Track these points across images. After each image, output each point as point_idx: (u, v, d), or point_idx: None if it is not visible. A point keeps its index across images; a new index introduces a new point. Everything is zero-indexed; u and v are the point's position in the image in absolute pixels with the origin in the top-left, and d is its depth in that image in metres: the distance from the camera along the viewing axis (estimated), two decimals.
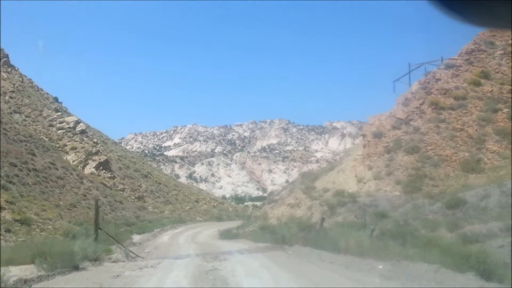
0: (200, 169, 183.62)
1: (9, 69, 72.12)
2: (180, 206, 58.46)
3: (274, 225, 24.74)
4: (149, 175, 66.39)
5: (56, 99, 75.13)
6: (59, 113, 63.87)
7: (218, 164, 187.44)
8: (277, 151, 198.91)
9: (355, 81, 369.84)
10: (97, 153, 58.05)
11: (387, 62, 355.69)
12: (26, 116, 60.65)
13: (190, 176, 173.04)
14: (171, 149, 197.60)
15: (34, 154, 46.01)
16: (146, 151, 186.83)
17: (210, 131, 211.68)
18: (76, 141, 59.48)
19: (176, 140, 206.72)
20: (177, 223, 45.47)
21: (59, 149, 56.98)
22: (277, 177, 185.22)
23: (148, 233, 33.92)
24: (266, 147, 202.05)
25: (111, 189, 51.84)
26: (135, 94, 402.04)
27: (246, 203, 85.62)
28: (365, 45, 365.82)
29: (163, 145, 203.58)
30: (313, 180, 29.86)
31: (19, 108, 61.44)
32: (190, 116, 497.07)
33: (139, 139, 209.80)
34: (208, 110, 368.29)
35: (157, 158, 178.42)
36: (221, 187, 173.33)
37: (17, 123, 54.95)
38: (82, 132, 62.33)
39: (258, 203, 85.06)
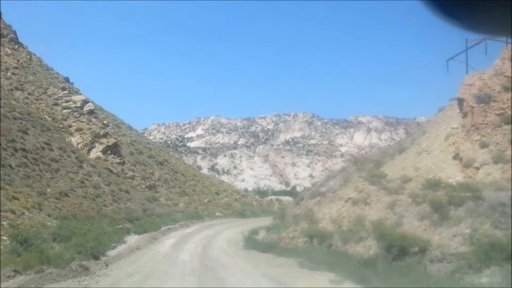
0: (222, 161, 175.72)
1: (16, 46, 64.35)
2: (197, 198, 49.61)
3: (331, 231, 15.56)
4: (165, 162, 57.71)
5: (67, 79, 67.02)
6: (66, 92, 55.55)
7: (240, 157, 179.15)
8: (301, 145, 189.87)
9: (380, 76, 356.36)
10: (105, 135, 49.58)
11: (414, 59, 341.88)
12: (29, 94, 52.56)
13: (212, 168, 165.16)
14: (193, 140, 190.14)
15: (25, 132, 37.66)
16: (169, 142, 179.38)
17: (233, 123, 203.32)
18: (83, 121, 51.14)
19: (199, 131, 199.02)
20: (191, 218, 36.58)
21: (63, 129, 48.68)
22: (300, 171, 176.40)
23: (150, 233, 25.11)
24: (290, 140, 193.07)
25: (118, 176, 43.25)
26: (159, 85, 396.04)
27: (269, 197, 76.36)
28: (391, 42, 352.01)
29: (185, 136, 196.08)
30: (377, 166, 20.49)
31: (22, 85, 53.39)
32: (213, 107, 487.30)
33: (162, 129, 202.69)
34: (232, 102, 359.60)
35: (180, 149, 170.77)
36: (243, 180, 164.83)
37: (15, 99, 46.87)
38: (90, 112, 53.91)
39: (281, 197, 75.94)
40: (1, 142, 32.56)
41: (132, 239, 22.34)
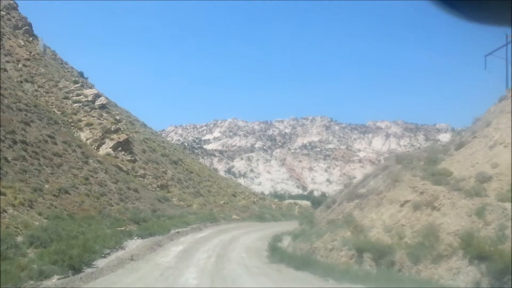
0: (239, 164, 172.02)
1: (30, 38, 61.31)
2: (213, 199, 45.64)
3: (389, 245, 11.36)
4: (179, 161, 53.89)
5: (81, 74, 63.76)
6: (78, 85, 52.14)
7: (257, 160, 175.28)
8: (318, 149, 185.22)
9: (399, 81, 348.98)
10: (116, 131, 46.00)
11: (433, 63, 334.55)
12: (39, 86, 49.31)
13: (228, 171, 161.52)
14: (210, 142, 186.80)
15: (28, 124, 34.18)
16: (186, 144, 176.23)
17: (250, 126, 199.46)
18: (94, 116, 47.63)
19: (216, 134, 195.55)
20: (206, 221, 32.65)
21: (72, 124, 45.23)
22: (318, 176, 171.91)
23: (155, 237, 21.18)
24: (307, 144, 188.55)
25: (127, 173, 39.52)
26: (177, 86, 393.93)
27: (287, 201, 72.02)
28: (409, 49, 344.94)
29: (202, 138, 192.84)
30: (433, 164, 16.25)
31: (33, 77, 50.14)
32: (230, 110, 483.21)
33: (179, 131, 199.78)
34: (249, 105, 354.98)
35: (196, 151, 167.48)
36: (260, 183, 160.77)
37: (23, 91, 43.55)
38: (102, 107, 50.40)
39: (299, 201, 71.53)
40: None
41: (133, 244, 18.44)
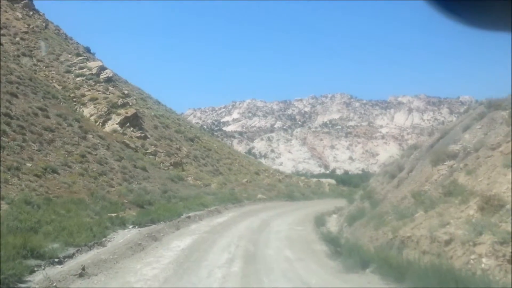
0: (259, 145, 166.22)
1: (31, 13, 55.52)
2: (234, 178, 39.58)
3: None
4: (195, 139, 47.86)
5: (87, 49, 57.89)
6: (81, 58, 46.30)
7: (278, 140, 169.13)
8: (339, 127, 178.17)
9: (418, 55, 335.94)
10: (124, 105, 40.10)
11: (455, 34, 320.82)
12: (38, 60, 43.62)
13: (249, 152, 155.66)
14: (229, 124, 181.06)
15: (15, 96, 28.51)
16: (205, 127, 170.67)
17: (269, 106, 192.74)
18: (98, 90, 41.84)
19: (235, 115, 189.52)
20: (226, 202, 26.69)
21: (74, 99, 39.50)
22: (339, 154, 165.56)
23: (157, 225, 15.23)
24: (328, 122, 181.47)
25: (135, 151, 33.67)
26: (195, 69, 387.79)
27: (314, 179, 65.68)
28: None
29: (221, 120, 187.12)
30: None
31: (31, 51, 44.43)
32: (249, 91, 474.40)
33: (198, 114, 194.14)
34: (267, 85, 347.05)
35: (216, 133, 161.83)
36: (281, 164, 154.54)
37: (18, 64, 37.90)
38: (108, 80, 44.57)
39: (323, 180, 65.24)
40: None
41: (121, 238, 12.44)
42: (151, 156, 34.99)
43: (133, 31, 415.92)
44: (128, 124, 38.54)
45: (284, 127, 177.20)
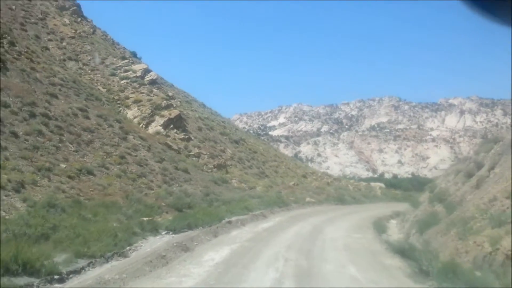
0: (305, 149, 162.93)
1: (79, 19, 55.61)
2: (281, 181, 37.26)
3: None
4: (241, 141, 45.96)
5: (134, 54, 57.35)
6: (126, 61, 45.56)
7: (324, 144, 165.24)
8: (388, 130, 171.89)
9: (470, 55, 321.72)
10: (168, 107, 38.79)
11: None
12: (84, 64, 43.17)
13: (295, 156, 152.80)
14: (276, 128, 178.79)
15: (55, 97, 27.59)
16: (251, 131, 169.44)
17: (315, 110, 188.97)
18: (143, 92, 40.82)
19: (281, 119, 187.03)
20: (272, 206, 24.42)
21: (118, 101, 38.59)
22: (388, 157, 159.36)
23: (194, 231, 13.13)
24: (376, 125, 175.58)
25: (178, 152, 32.09)
26: (242, 75, 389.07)
27: (363, 182, 62.26)
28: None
29: (268, 125, 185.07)
30: None
31: (77, 55, 44.09)
32: (295, 95, 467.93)
33: (244, 119, 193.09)
34: (314, 90, 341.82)
35: (262, 138, 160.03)
36: (328, 168, 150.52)
37: (62, 67, 37.42)
38: (152, 82, 43.47)
39: (371, 184, 61.71)
40: (9, 104, 22.69)
41: (149, 247, 10.43)
42: (194, 158, 33.32)
43: (180, 36, 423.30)
44: (171, 126, 37.16)
45: (331, 131, 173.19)
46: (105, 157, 23.74)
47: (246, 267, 8.86)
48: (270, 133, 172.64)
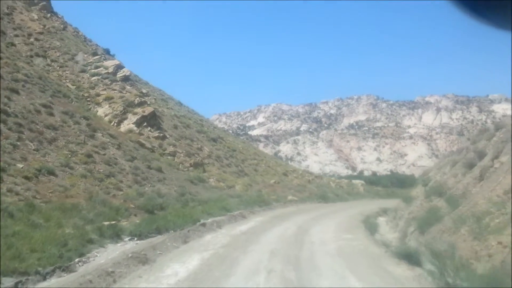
0: (285, 148, 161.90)
1: (48, 15, 52.96)
2: (261, 179, 35.57)
3: None
4: (219, 139, 44.11)
5: (107, 51, 54.97)
6: (97, 57, 43.26)
7: (304, 143, 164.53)
8: (366, 128, 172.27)
9: (444, 54, 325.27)
10: (141, 104, 36.71)
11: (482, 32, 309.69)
12: (52, 61, 40.72)
13: (275, 155, 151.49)
14: (255, 128, 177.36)
15: (16, 92, 25.40)
16: (230, 131, 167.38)
17: (294, 109, 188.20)
18: (115, 89, 38.66)
19: (260, 119, 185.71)
20: (253, 205, 22.68)
21: (88, 99, 36.36)
22: (367, 155, 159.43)
23: (165, 235, 11.21)
24: (354, 124, 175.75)
25: (152, 151, 30.12)
26: (219, 74, 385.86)
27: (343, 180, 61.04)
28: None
29: (247, 124, 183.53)
30: None
31: (45, 51, 41.61)
32: (274, 95, 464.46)
33: (223, 119, 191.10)
34: (292, 89, 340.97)
35: (241, 137, 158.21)
36: (307, 166, 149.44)
37: (28, 63, 35.05)
38: (125, 79, 41.27)
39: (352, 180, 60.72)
40: None
41: (109, 256, 8.48)
42: (169, 157, 31.37)
43: (158, 35, 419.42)
44: (145, 124, 35.10)
45: (310, 129, 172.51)
46: (69, 156, 21.67)
47: (219, 283, 7.07)
48: (249, 132, 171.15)
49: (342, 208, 24.48)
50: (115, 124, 34.05)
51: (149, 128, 35.05)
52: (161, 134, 34.90)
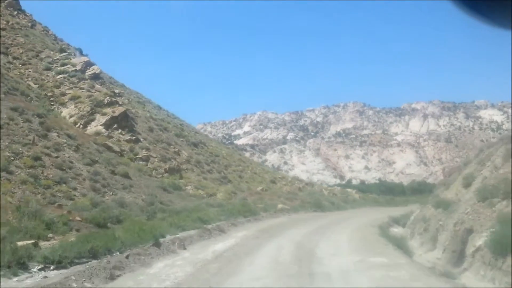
0: (272, 157, 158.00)
1: (15, 12, 48.78)
2: (246, 186, 31.65)
3: None
4: (200, 144, 40.13)
5: (79, 51, 50.71)
6: (64, 54, 39.19)
7: (290, 152, 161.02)
8: (353, 136, 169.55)
9: (431, 60, 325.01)
10: (111, 104, 32.75)
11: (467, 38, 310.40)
12: (14, 58, 36.55)
13: (261, 165, 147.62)
14: (241, 137, 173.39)
15: None
16: (216, 141, 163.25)
17: (280, 117, 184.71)
18: (82, 88, 34.64)
19: (246, 128, 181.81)
20: (236, 215, 18.80)
21: (52, 99, 32.33)
22: (355, 163, 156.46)
23: (91, 263, 7.09)
24: (341, 131, 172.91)
25: (121, 155, 26.09)
26: (204, 83, 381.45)
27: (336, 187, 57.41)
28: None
29: (232, 133, 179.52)
30: None
31: (7, 48, 37.41)
32: (259, 103, 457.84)
33: (208, 128, 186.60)
34: (278, 97, 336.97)
35: (227, 147, 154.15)
36: (295, 176, 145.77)
37: None
38: (95, 77, 37.27)
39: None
40: None
41: None
42: (141, 162, 27.33)
43: (141, 42, 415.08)
44: (115, 126, 31.12)
45: (297, 138, 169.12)
46: (12, 158, 17.57)
47: None
48: (235, 142, 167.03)
49: (344, 217, 20.78)
50: (81, 125, 30.05)
51: (120, 131, 31.07)
52: (134, 137, 30.90)
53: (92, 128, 30.10)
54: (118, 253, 8.90)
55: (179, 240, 10.94)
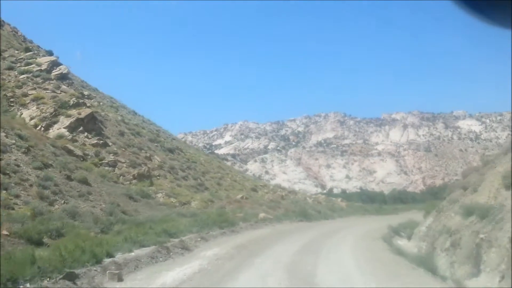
0: (253, 167, 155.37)
1: None
2: (225, 194, 28.75)
3: None
4: (176, 150, 37.09)
5: (50, 53, 47.36)
6: (29, 53, 35.95)
7: (272, 161, 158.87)
8: (334, 145, 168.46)
9: (409, 71, 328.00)
10: (77, 105, 29.65)
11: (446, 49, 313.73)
12: None
13: (242, 173, 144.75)
14: (222, 147, 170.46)
15: None
16: (195, 148, 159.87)
17: (262, 127, 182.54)
18: (47, 89, 31.50)
19: (227, 138, 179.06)
20: (211, 227, 15.87)
21: (12, 99, 29.10)
22: (336, 173, 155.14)
23: None
24: (322, 141, 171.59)
25: (83, 159, 23.01)
26: (184, 93, 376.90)
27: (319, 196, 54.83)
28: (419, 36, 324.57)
29: (213, 143, 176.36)
30: None
31: None
32: (240, 113, 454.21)
33: (189, 138, 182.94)
34: (259, 107, 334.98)
35: (207, 155, 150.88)
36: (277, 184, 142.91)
37: None
38: (62, 77, 34.13)
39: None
40: None
41: None
42: (108, 167, 24.27)
43: (123, 50, 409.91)
44: (81, 129, 27.98)
45: (278, 148, 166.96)
46: None
47: None
48: (216, 151, 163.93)
49: (335, 228, 18.12)
50: (42, 128, 26.83)
51: (85, 134, 27.93)
52: (101, 141, 27.80)
53: (54, 130, 26.95)
54: (35, 281, 6.02)
55: (117, 265, 7.81)
